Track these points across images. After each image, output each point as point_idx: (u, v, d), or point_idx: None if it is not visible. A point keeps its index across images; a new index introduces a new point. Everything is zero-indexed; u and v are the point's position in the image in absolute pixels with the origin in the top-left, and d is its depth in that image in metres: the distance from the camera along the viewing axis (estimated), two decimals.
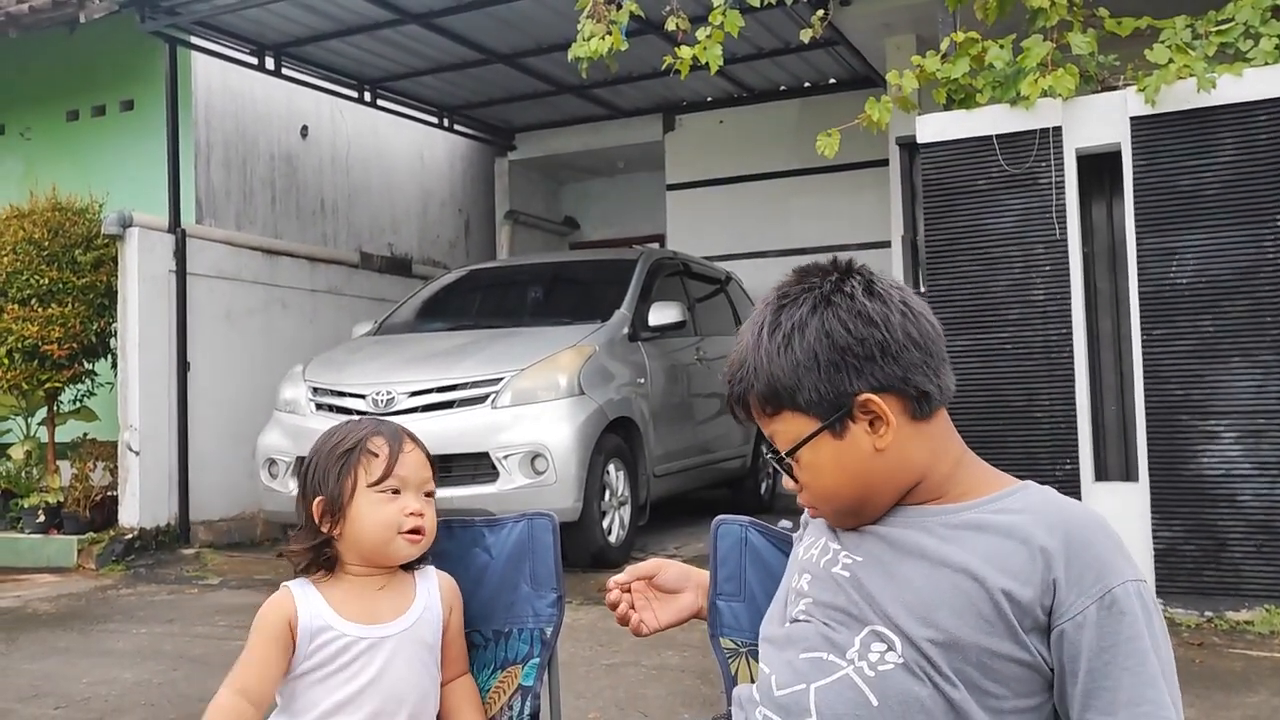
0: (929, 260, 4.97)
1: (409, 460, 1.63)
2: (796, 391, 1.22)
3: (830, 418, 1.21)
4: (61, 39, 7.80)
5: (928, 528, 1.21)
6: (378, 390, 5.79)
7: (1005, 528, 1.17)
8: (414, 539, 1.61)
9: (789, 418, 1.24)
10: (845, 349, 1.20)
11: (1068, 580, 1.12)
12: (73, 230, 7.18)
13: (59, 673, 4.21)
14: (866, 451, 1.21)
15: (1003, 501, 1.21)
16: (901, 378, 1.20)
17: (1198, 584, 4.38)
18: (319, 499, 1.62)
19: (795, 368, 1.21)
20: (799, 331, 1.22)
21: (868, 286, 1.24)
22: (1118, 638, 1.11)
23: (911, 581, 1.18)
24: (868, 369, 1.20)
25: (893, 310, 1.22)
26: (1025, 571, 1.13)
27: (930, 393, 1.22)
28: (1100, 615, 1.11)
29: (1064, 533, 1.14)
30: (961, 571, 1.16)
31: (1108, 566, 1.13)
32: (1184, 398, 4.44)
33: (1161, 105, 4.47)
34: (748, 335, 1.28)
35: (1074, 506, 1.19)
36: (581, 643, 4.33)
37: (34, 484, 7.24)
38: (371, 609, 1.61)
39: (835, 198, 8.99)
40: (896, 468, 1.23)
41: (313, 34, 7.62)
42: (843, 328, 1.21)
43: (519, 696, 1.73)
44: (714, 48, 5.30)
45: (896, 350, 1.20)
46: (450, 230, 10.70)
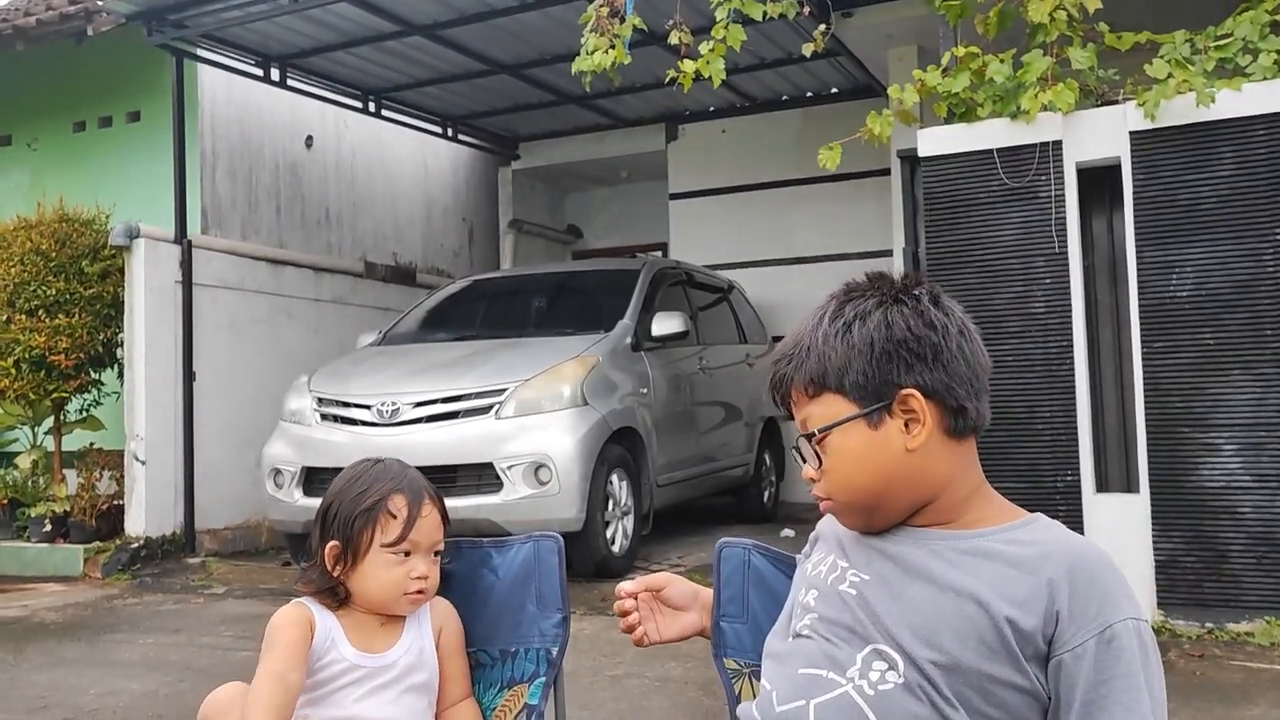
0: (930, 272, 4.99)
1: (425, 525, 1.67)
2: (845, 373, 1.26)
3: (871, 406, 1.25)
4: (69, 51, 7.85)
5: (937, 551, 1.24)
6: (383, 401, 5.82)
7: (1013, 558, 1.20)
8: (416, 599, 1.67)
9: (829, 400, 1.28)
10: (902, 342, 1.24)
11: (1070, 612, 1.15)
12: (79, 241, 7.23)
13: (66, 683, 4.24)
14: (896, 449, 1.24)
15: (1013, 533, 1.24)
16: (947, 385, 1.24)
17: (1198, 596, 4.40)
18: (333, 545, 1.66)
19: (849, 349, 1.26)
20: (860, 320, 1.27)
21: (935, 298, 1.30)
22: (1114, 672, 1.13)
23: (917, 603, 1.21)
24: (918, 367, 1.24)
25: (953, 323, 1.28)
26: (1030, 601, 1.16)
27: (968, 410, 1.26)
28: (1099, 649, 1.13)
29: (1070, 566, 1.17)
30: (967, 597, 1.18)
31: (1110, 602, 1.15)
32: (1184, 410, 4.46)
33: (1161, 120, 4.50)
34: (808, 321, 1.33)
35: (1082, 542, 1.22)
36: (585, 654, 4.35)
37: (40, 493, 7.28)
38: (370, 639, 1.67)
39: (837, 207, 9.02)
40: (918, 475, 1.25)
41: (318, 45, 7.66)
42: (904, 323, 1.25)
43: (525, 715, 1.75)
44: (716, 61, 5.33)
45: (948, 359, 1.25)
46: (454, 239, 10.74)
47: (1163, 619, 4.42)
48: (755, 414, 7.91)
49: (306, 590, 1.69)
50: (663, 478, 6.49)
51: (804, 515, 7.82)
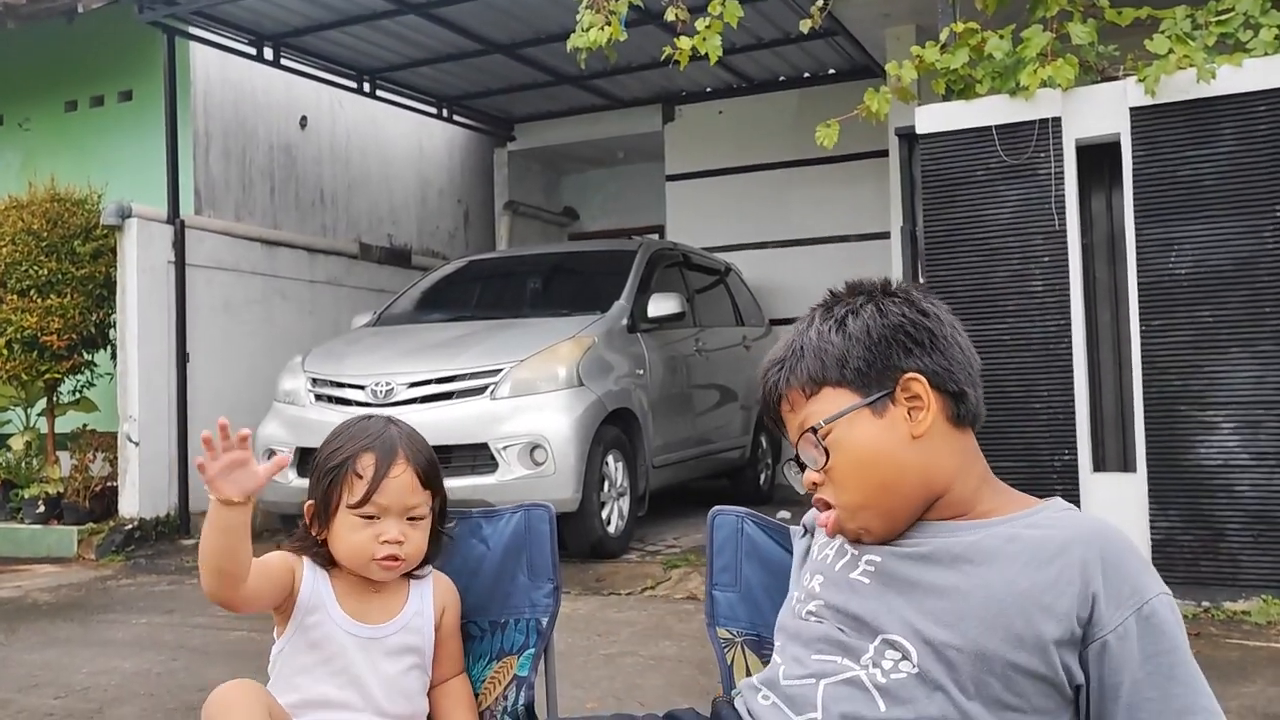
0: (928, 251, 4.96)
1: (393, 486, 1.58)
2: (845, 363, 1.25)
3: (874, 394, 1.23)
4: (60, 30, 7.78)
5: (958, 538, 1.21)
6: (377, 381, 5.79)
7: (1040, 541, 1.17)
8: (387, 565, 1.59)
9: (830, 395, 1.26)
10: (898, 327, 1.25)
11: (1106, 593, 1.12)
12: (71, 221, 7.17)
13: (59, 663, 4.22)
14: (902, 437, 1.23)
15: (1034, 517, 1.22)
16: (946, 369, 1.24)
17: (1195, 574, 4.39)
18: (309, 503, 1.63)
19: (847, 340, 1.26)
20: (853, 314, 1.27)
21: (923, 295, 1.31)
22: (1160, 648, 1.12)
23: (941, 590, 1.18)
24: (916, 351, 1.24)
25: (943, 315, 1.29)
26: (1062, 584, 1.13)
27: (968, 396, 1.26)
28: (1141, 627, 1.12)
29: (1100, 546, 1.15)
30: (996, 582, 1.15)
31: (1142, 580, 1.14)
32: (1182, 388, 4.44)
33: (1161, 96, 4.46)
34: (798, 326, 1.33)
35: (1106, 523, 1.21)
36: (579, 632, 4.34)
37: (34, 474, 7.25)
38: (365, 608, 1.62)
39: (835, 188, 8.97)
40: (927, 465, 1.23)
41: (311, 24, 7.60)
42: (898, 310, 1.26)
43: (514, 686, 1.73)
44: (713, 38, 5.29)
45: (944, 344, 1.25)
46: (449, 221, 10.69)
47: None
48: (751, 396, 7.87)
49: (290, 548, 1.65)
50: (658, 459, 6.47)
51: (800, 498, 7.79)
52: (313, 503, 1.63)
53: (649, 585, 5.23)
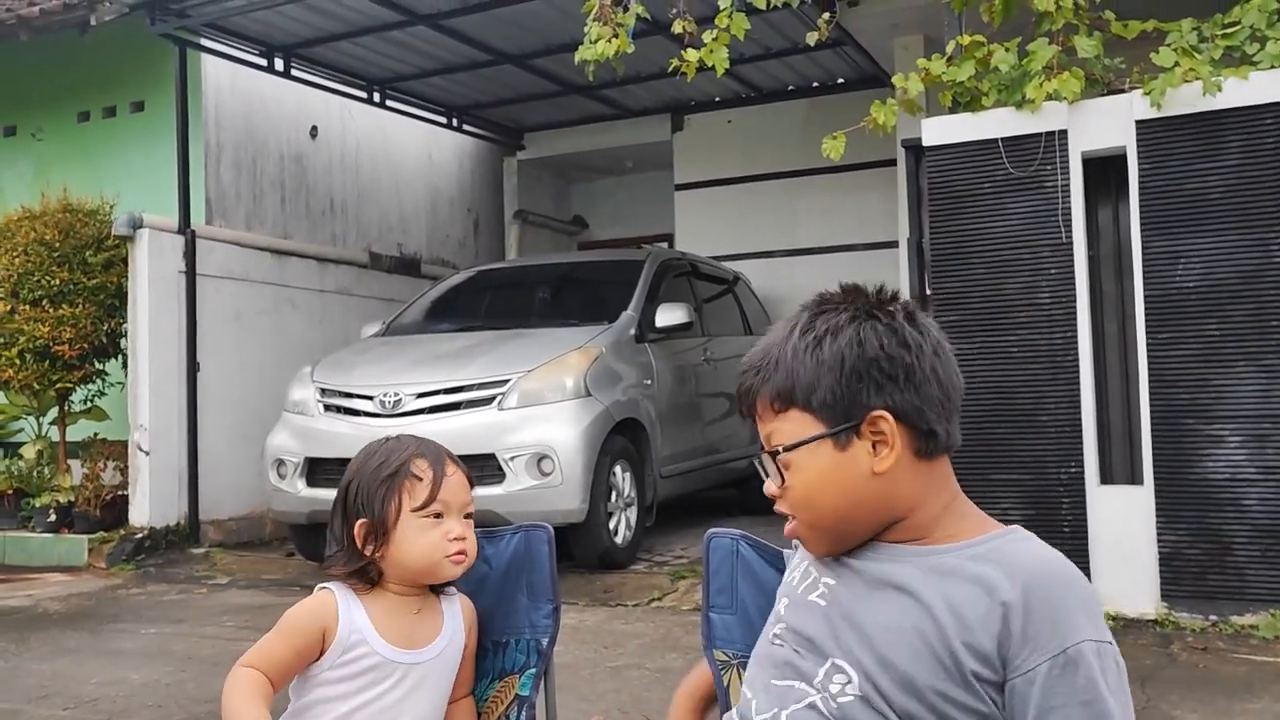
0: (934, 263, 4.96)
1: (451, 484, 1.63)
2: (813, 390, 1.21)
3: (839, 426, 1.21)
4: (72, 41, 7.84)
5: (905, 566, 1.21)
6: (385, 392, 5.82)
7: (974, 576, 1.16)
8: (459, 560, 1.62)
9: (796, 417, 1.23)
10: (874, 361, 1.20)
11: (1024, 636, 1.10)
12: (83, 231, 7.23)
13: (68, 673, 4.25)
14: (863, 471, 1.21)
15: (979, 548, 1.19)
16: (917, 408, 1.20)
17: (1202, 588, 4.38)
18: (362, 522, 1.61)
19: (819, 366, 1.21)
20: (832, 335, 1.22)
21: (910, 315, 1.25)
22: (1068, 698, 1.08)
23: (877, 619, 1.19)
24: (889, 388, 1.20)
25: (928, 343, 1.23)
26: (984, 622, 1.12)
27: (939, 434, 1.22)
28: (1052, 674, 1.09)
29: (1026, 586, 1.12)
30: (925, 615, 1.15)
31: (1069, 625, 1.10)
32: (1189, 401, 4.43)
33: (1167, 108, 4.46)
34: (778, 331, 1.28)
35: (1048, 561, 1.16)
36: (586, 645, 4.35)
37: (45, 483, 7.29)
38: (408, 633, 1.62)
39: (843, 198, 8.98)
40: (885, 497, 1.22)
41: (322, 35, 7.65)
42: (877, 340, 1.21)
43: (516, 706, 1.75)
44: (720, 50, 5.30)
45: (920, 380, 1.21)
46: (459, 230, 10.73)
47: (1167, 611, 4.40)
48: None
49: (337, 574, 1.64)
50: (666, 469, 6.47)
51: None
52: (365, 521, 1.61)
53: (656, 596, 5.24)
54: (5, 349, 6.92)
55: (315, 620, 1.59)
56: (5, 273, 7.04)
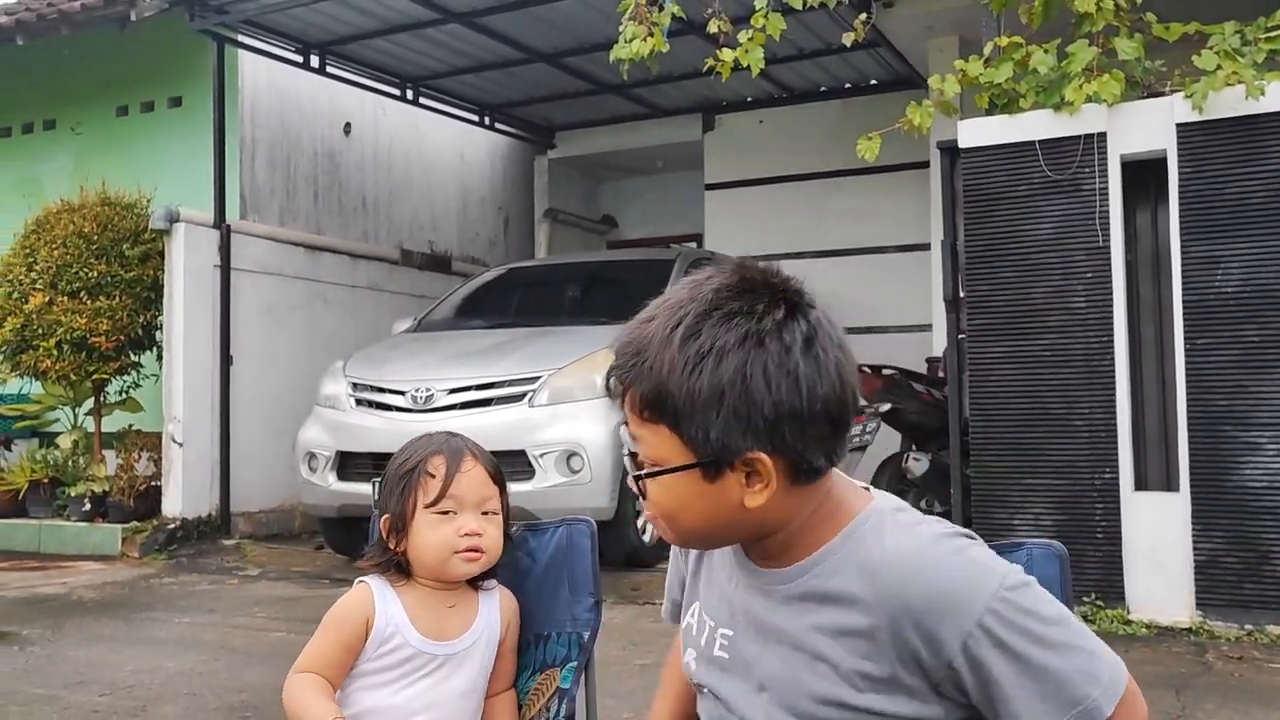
0: (969, 265, 4.94)
1: (465, 480, 1.63)
2: (687, 417, 1.08)
3: (708, 459, 1.09)
4: (112, 37, 7.94)
5: (779, 603, 1.18)
6: (417, 387, 5.85)
7: (844, 600, 1.12)
8: (470, 557, 1.63)
9: (665, 435, 1.11)
10: (756, 406, 1.06)
11: (926, 645, 1.07)
12: (121, 225, 7.32)
13: (104, 660, 4.30)
14: (733, 502, 1.11)
15: (834, 558, 1.15)
16: (799, 451, 1.09)
17: (1238, 597, 4.33)
18: (385, 517, 1.66)
19: (694, 395, 1.07)
20: (716, 358, 1.07)
21: (809, 339, 1.09)
22: (993, 674, 1.06)
23: (775, 669, 1.17)
24: (768, 432, 1.07)
25: (823, 378, 1.09)
26: (877, 649, 1.09)
27: (820, 468, 1.12)
28: (969, 664, 1.06)
29: (901, 600, 1.08)
30: (814, 657, 1.13)
31: (958, 612, 1.05)
32: (1227, 408, 4.39)
33: (1209, 112, 4.41)
34: (658, 322, 1.12)
35: (905, 557, 1.10)
36: (615, 642, 4.35)
37: (80, 473, 7.39)
38: (440, 624, 1.65)
39: (875, 199, 8.94)
40: (754, 523, 1.15)
41: (357, 32, 7.70)
42: (764, 382, 1.06)
43: (557, 699, 1.75)
44: (755, 50, 5.30)
45: (806, 422, 1.08)
46: (489, 228, 10.77)
47: (1201, 620, 4.35)
48: None
49: (368, 566, 1.68)
50: None
51: None
52: (388, 516, 1.65)
53: None
54: (43, 340, 7.01)
55: (358, 613, 1.62)
56: (44, 265, 7.13)
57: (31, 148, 8.95)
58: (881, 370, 6.31)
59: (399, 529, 1.64)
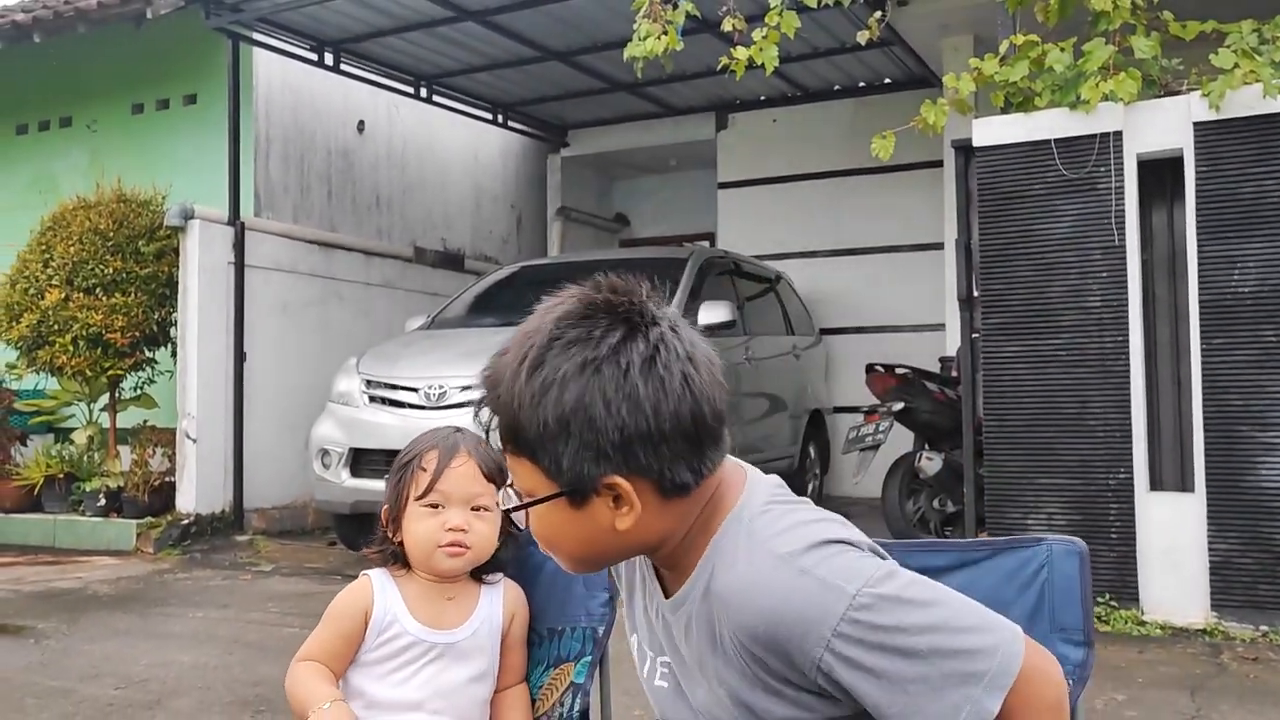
0: (983, 265, 4.92)
1: (454, 476, 1.64)
2: (539, 450, 1.09)
3: (569, 488, 1.10)
4: (128, 34, 7.97)
5: (682, 632, 1.19)
6: (430, 384, 5.86)
7: (707, 630, 1.14)
8: (454, 552, 1.64)
9: (527, 466, 1.12)
10: (601, 432, 1.06)
11: (788, 669, 1.07)
12: (136, 221, 7.35)
13: (118, 654, 4.32)
14: (605, 526, 1.11)
15: (697, 585, 1.15)
16: (658, 470, 1.08)
17: (1254, 598, 4.31)
18: (385, 508, 1.70)
19: (542, 429, 1.07)
20: (558, 388, 1.06)
21: (649, 359, 1.07)
22: (857, 692, 1.04)
23: (700, 698, 1.19)
24: (619, 456, 1.07)
25: (668, 395, 1.07)
26: (753, 683, 1.11)
27: (687, 483, 1.10)
28: (831, 682, 1.05)
29: (750, 633, 1.07)
30: (718, 686, 1.15)
31: (805, 642, 1.04)
32: (1244, 408, 4.36)
33: (1226, 111, 4.39)
34: (510, 355, 1.12)
35: (746, 588, 1.07)
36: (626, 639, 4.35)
37: (95, 468, 7.43)
38: (439, 615, 1.67)
39: (888, 198, 8.92)
40: (634, 541, 1.15)
41: (371, 30, 7.72)
42: (604, 408, 1.05)
43: (571, 693, 1.76)
44: (770, 48, 5.29)
45: (659, 441, 1.07)
46: (502, 226, 10.79)
47: (1216, 621, 4.33)
48: (801, 406, 7.86)
49: (370, 553, 1.71)
50: None
51: (850, 508, 7.76)
52: (388, 507, 1.69)
53: None
54: (59, 336, 7.05)
55: (356, 604, 1.66)
56: (60, 261, 7.17)
57: (48, 145, 9.00)
58: (895, 369, 6.30)
59: (394, 520, 1.68)
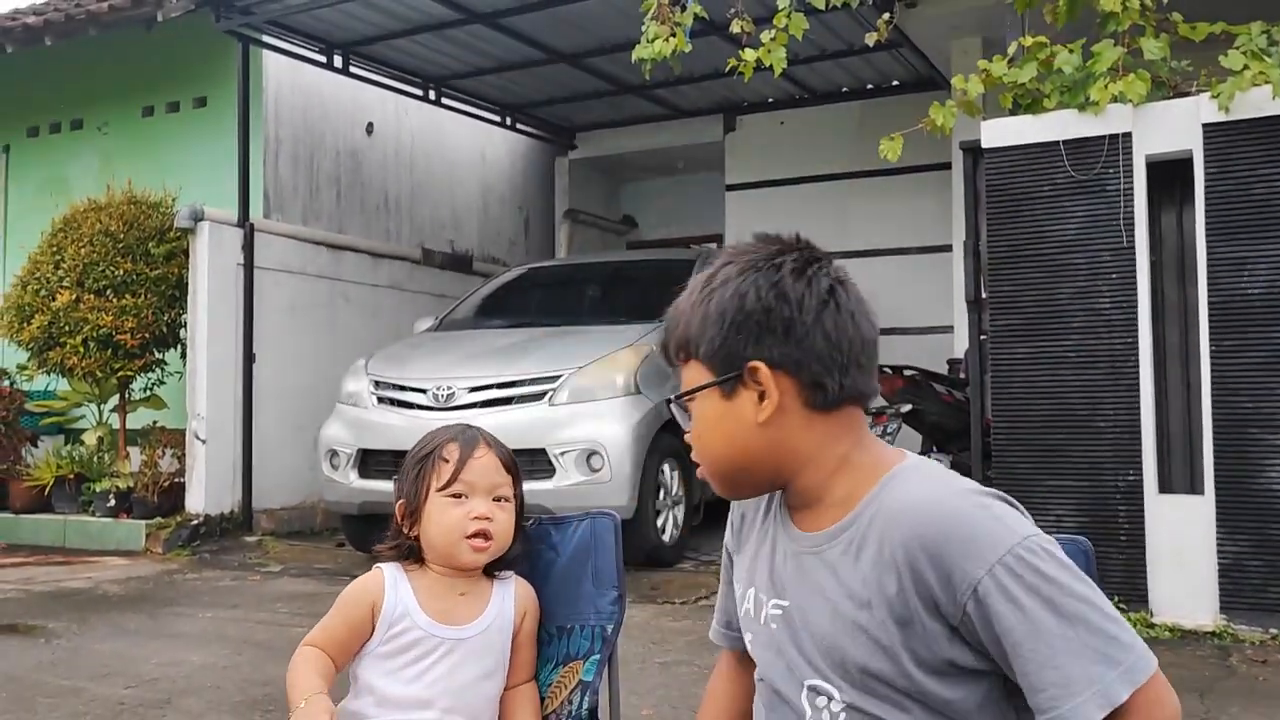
0: (992, 267, 4.92)
1: (477, 465, 1.67)
2: (700, 341, 1.25)
3: (724, 376, 1.24)
4: (139, 37, 8.01)
5: (817, 560, 1.23)
6: (438, 385, 5.88)
7: (874, 547, 1.17)
8: (479, 545, 1.65)
9: (694, 367, 1.28)
10: (750, 313, 1.22)
11: (940, 587, 1.11)
12: (147, 223, 7.39)
13: (128, 653, 4.34)
14: (748, 421, 1.23)
15: (870, 511, 1.20)
16: (797, 361, 1.21)
17: (1263, 600, 4.30)
18: (400, 502, 1.70)
19: (705, 319, 1.25)
20: (721, 287, 1.25)
21: (800, 268, 1.24)
22: (999, 627, 1.09)
23: (821, 626, 1.21)
24: (766, 340, 1.22)
25: (813, 296, 1.22)
26: (900, 592, 1.13)
27: (826, 386, 1.22)
28: (978, 611, 1.09)
29: (921, 542, 1.13)
30: (853, 608, 1.17)
31: (969, 560, 1.10)
32: (1254, 410, 4.35)
33: (1235, 112, 4.38)
34: (689, 285, 1.31)
35: (925, 506, 1.15)
36: (635, 640, 4.36)
37: (105, 469, 7.46)
38: (450, 610, 1.67)
39: (896, 200, 8.92)
40: (776, 448, 1.24)
41: (380, 33, 7.74)
42: (756, 294, 1.22)
43: (579, 692, 1.76)
44: (778, 50, 5.30)
45: (801, 334, 1.21)
46: (510, 228, 10.81)
47: (1225, 623, 4.32)
48: None
49: (383, 549, 1.72)
50: None
51: None
52: (403, 501, 1.70)
53: (703, 595, 5.24)
54: (70, 337, 7.08)
55: (365, 594, 1.67)
56: (71, 263, 7.21)
57: (59, 147, 9.05)
58: (902, 371, 6.29)
59: (412, 514, 1.68)
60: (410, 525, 1.69)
